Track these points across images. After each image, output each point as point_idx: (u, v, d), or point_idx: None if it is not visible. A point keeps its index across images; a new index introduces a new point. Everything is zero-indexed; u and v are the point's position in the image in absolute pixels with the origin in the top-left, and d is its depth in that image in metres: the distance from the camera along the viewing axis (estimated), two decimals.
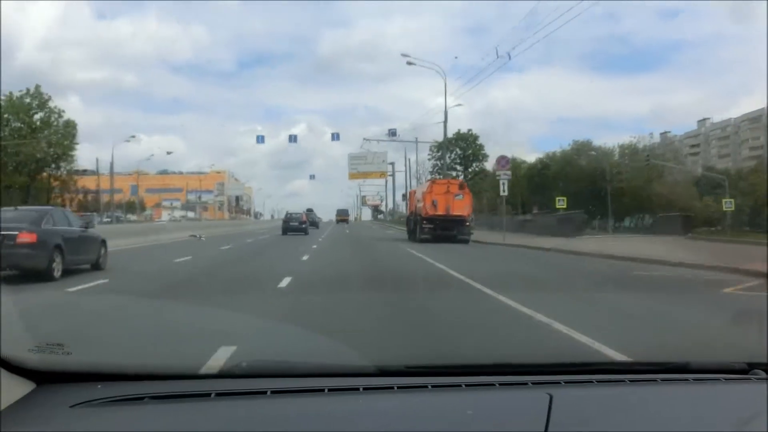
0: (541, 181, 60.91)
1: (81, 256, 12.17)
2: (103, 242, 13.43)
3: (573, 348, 5.41)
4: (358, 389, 1.78)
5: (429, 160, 67.68)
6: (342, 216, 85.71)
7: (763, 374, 2.00)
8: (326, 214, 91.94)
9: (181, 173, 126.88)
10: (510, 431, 1.58)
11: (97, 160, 66.28)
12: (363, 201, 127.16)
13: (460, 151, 71.96)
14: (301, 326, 5.61)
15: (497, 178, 31.28)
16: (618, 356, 4.75)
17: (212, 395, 1.69)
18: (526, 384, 1.87)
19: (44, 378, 1.75)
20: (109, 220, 63.75)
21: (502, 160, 32.54)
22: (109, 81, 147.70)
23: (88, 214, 34.50)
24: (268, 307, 7.77)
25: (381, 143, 69.68)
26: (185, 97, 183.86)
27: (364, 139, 67.45)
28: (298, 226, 38.51)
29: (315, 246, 23.40)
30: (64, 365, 1.89)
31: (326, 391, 1.74)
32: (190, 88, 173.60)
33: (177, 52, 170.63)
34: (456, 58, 74.58)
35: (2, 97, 50.37)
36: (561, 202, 39.31)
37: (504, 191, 30.27)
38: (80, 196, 72.56)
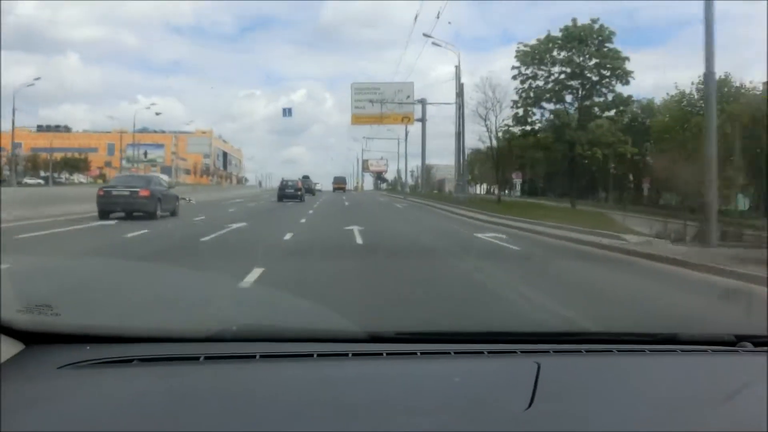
0: None
1: (168, 206, 19.36)
2: (177, 198, 21.37)
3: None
4: (347, 355, 1.78)
5: (517, 78, 39.85)
6: (339, 184, 78.68)
7: (750, 346, 2.00)
8: (325, 183, 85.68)
9: (163, 132, 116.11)
10: (496, 398, 1.60)
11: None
12: (365, 166, 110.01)
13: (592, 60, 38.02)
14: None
15: None
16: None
17: (201, 358, 1.69)
18: (514, 352, 1.87)
19: (33, 339, 1.75)
20: (39, 182, 57.26)
21: None
22: (109, 40, 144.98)
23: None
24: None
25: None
26: (185, 59, 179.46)
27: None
28: (293, 193, 38.60)
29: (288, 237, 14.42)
30: (53, 326, 1.87)
31: (315, 356, 1.75)
32: (190, 51, 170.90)
33: (178, 14, 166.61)
34: (450, 23, 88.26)
35: None
36: None
37: None
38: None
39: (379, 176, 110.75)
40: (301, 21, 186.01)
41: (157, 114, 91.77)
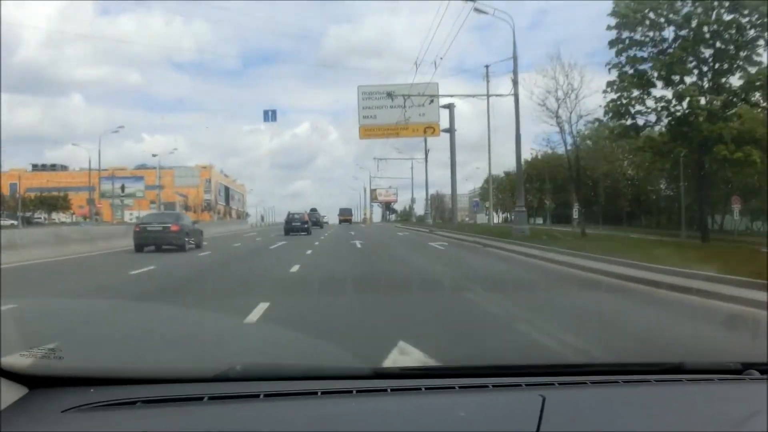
0: None
1: (194, 239, 21.81)
2: (201, 232, 24.26)
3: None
4: (351, 392, 1.78)
5: (615, 46, 26.95)
6: (345, 216, 78.03)
7: (757, 374, 1.97)
8: (330, 216, 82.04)
9: (162, 168, 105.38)
10: None
11: None
12: (373, 196, 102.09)
13: None
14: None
15: None
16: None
17: (205, 399, 1.70)
18: (519, 386, 1.86)
19: (36, 382, 1.76)
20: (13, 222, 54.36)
21: None
22: (112, 78, 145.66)
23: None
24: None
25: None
26: (189, 95, 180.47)
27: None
28: (300, 226, 37.89)
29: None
30: (56, 369, 1.88)
31: (319, 393, 1.75)
32: (193, 87, 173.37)
33: (180, 51, 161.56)
34: (441, 59, 40.25)
35: None
36: None
37: None
38: None
39: (387, 206, 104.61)
40: (304, 53, 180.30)
41: (154, 155, 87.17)
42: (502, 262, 16.55)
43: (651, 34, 25.65)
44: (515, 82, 27.51)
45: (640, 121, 26.91)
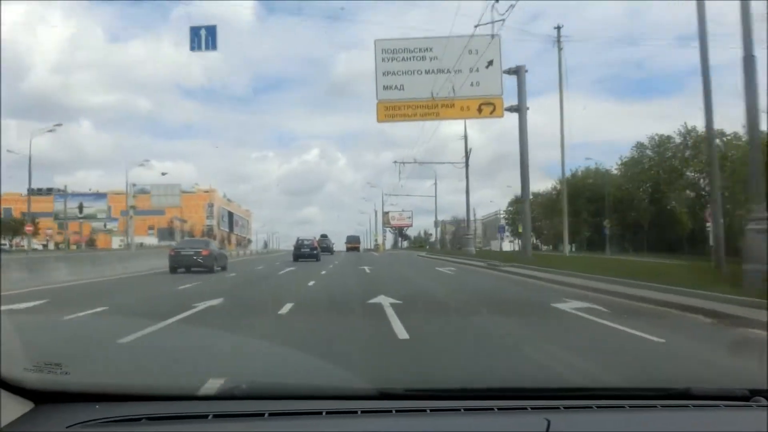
0: None
1: (221, 263, 24.70)
2: (227, 256, 28.31)
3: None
4: (356, 412, 1.78)
5: None
6: (352, 244, 70.53)
7: (764, 401, 1.97)
8: (338, 243, 73.84)
9: (143, 192, 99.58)
10: None
11: None
12: (385, 220, 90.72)
13: None
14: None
15: None
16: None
17: (210, 417, 1.70)
18: (524, 409, 1.86)
19: (42, 398, 1.78)
20: None
21: None
22: (121, 105, 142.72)
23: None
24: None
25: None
26: (197, 122, 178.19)
27: None
28: (309, 252, 37.76)
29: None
30: (62, 385, 1.89)
31: (324, 413, 1.75)
32: (202, 113, 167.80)
33: (190, 77, 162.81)
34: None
35: None
36: None
37: None
38: None
39: (400, 232, 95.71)
40: (313, 79, 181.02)
41: (163, 174, 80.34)
42: None
43: None
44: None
45: None
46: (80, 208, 62.64)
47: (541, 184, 76.17)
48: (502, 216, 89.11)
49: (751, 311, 8.30)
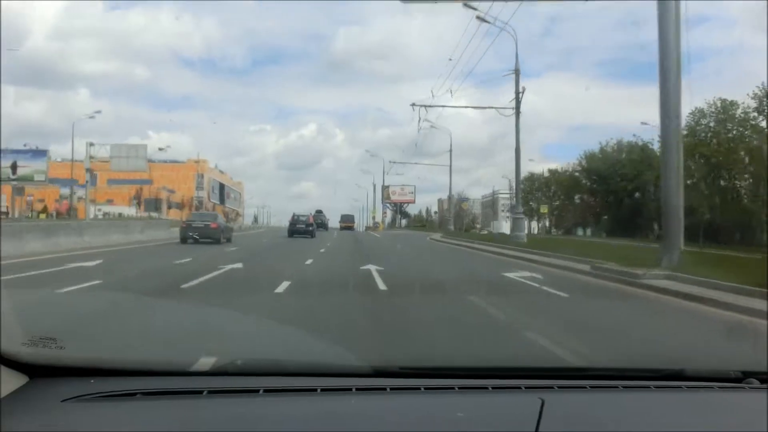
0: None
1: (227, 234, 27.34)
2: (232, 229, 31.67)
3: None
4: (350, 389, 1.79)
5: None
6: (347, 223, 66.52)
7: (757, 383, 1.98)
8: (333, 220, 68.79)
9: (151, 161, 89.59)
10: None
11: None
12: (385, 194, 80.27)
13: None
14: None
15: None
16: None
17: (204, 392, 1.71)
18: (518, 388, 1.87)
19: (37, 372, 1.78)
20: None
21: None
22: (119, 74, 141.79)
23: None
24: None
25: None
26: (196, 94, 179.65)
27: None
28: (304, 228, 36.25)
29: None
30: (57, 359, 1.88)
31: (319, 390, 1.76)
32: (200, 85, 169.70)
33: (189, 47, 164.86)
34: (450, 59, 33.29)
35: None
36: None
37: None
38: None
39: (399, 209, 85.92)
40: (313, 54, 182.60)
41: (161, 149, 75.19)
42: None
43: None
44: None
45: None
46: (13, 167, 50.08)
47: (536, 166, 74.70)
48: (510, 195, 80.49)
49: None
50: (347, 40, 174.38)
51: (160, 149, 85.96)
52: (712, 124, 43.41)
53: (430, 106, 36.18)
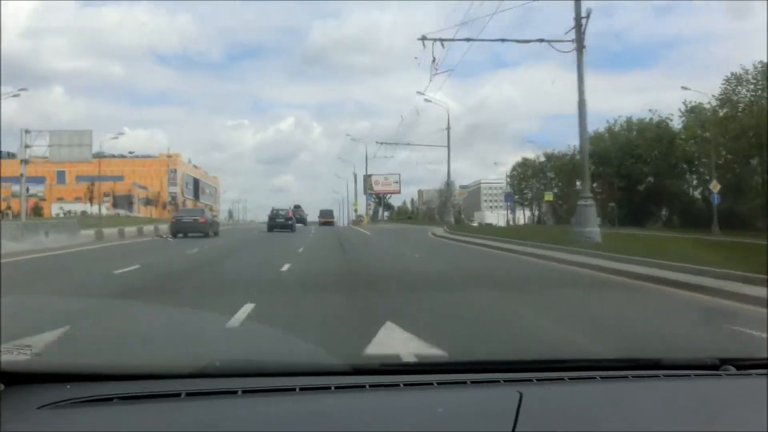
0: None
1: (214, 228, 30.69)
2: (219, 224, 36.64)
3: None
4: (329, 388, 1.78)
5: None
6: (326, 218, 60.50)
7: (733, 370, 1.99)
8: (312, 214, 65.05)
9: (123, 157, 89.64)
10: (478, 430, 1.62)
11: None
12: (367, 184, 60.45)
13: None
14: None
15: None
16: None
17: (183, 395, 1.68)
18: (497, 382, 1.87)
19: (12, 379, 1.72)
20: None
21: None
22: (94, 71, 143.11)
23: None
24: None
25: None
26: (172, 89, 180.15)
27: None
28: (284, 222, 35.58)
29: None
30: (32, 366, 1.89)
31: (298, 389, 1.75)
32: (177, 81, 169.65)
33: (164, 43, 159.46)
34: (416, 58, 26.98)
35: None
36: None
37: None
38: None
39: (380, 201, 79.44)
40: (289, 48, 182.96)
41: (131, 153, 76.41)
42: None
43: None
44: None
45: None
46: None
47: (511, 157, 72.43)
48: (505, 183, 74.81)
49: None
50: (323, 34, 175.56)
51: (130, 152, 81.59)
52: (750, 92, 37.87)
53: (445, 40, 25.72)
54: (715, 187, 35.54)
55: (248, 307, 7.08)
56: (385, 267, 14.56)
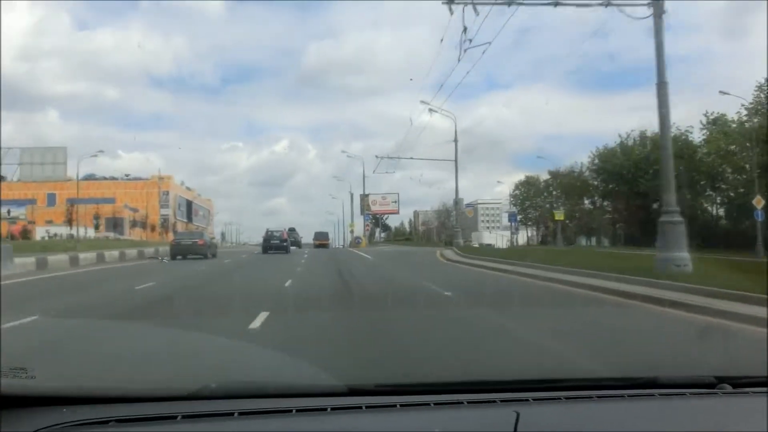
0: None
1: (212, 251, 31.10)
2: (217, 246, 38.35)
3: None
4: (326, 409, 1.77)
5: None
6: (321, 240, 59.71)
7: (729, 388, 1.97)
8: (307, 236, 65.23)
9: (114, 179, 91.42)
10: None
11: None
12: (365, 205, 70.13)
13: None
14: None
15: None
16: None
17: (179, 417, 1.68)
18: (494, 402, 1.87)
19: (8, 403, 1.72)
20: None
21: None
22: (89, 94, 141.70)
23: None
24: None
25: None
26: (166, 112, 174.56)
27: None
28: (279, 244, 35.72)
29: None
30: (28, 389, 1.84)
31: (294, 411, 1.75)
32: (171, 103, 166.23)
33: (159, 66, 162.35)
34: (411, 80, 50.91)
35: None
36: None
37: None
38: None
39: (377, 221, 76.43)
40: (284, 69, 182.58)
41: (127, 176, 77.79)
42: None
43: None
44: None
45: None
46: None
47: (506, 177, 71.26)
48: (508, 202, 71.87)
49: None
50: (319, 55, 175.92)
51: (126, 175, 79.59)
52: None
53: (479, 3, 18.62)
54: (759, 202, 31.27)
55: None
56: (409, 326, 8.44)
